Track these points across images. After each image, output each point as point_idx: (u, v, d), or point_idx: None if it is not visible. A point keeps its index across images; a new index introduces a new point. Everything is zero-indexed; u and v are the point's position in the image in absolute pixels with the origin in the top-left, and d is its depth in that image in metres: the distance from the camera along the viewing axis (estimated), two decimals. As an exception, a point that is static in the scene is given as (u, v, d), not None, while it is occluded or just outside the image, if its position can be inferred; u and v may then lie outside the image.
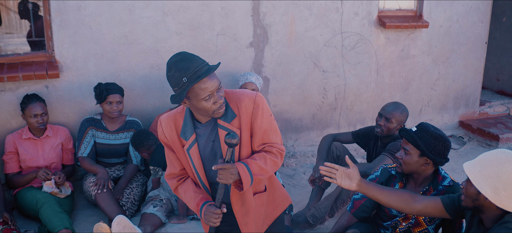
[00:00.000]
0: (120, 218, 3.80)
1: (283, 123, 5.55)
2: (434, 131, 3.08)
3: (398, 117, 3.96)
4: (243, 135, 2.67)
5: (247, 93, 2.67)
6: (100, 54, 4.72)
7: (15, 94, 4.56)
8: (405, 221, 3.26)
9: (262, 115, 2.65)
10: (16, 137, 4.46)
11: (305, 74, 5.47)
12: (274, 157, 2.72)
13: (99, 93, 4.44)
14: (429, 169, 3.15)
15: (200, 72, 2.46)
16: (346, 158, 3.08)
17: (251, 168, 2.65)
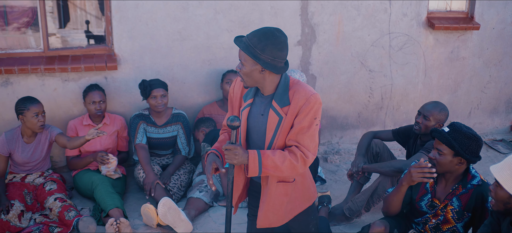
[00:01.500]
0: (165, 200, 4.08)
1: (329, 120, 5.69)
2: (466, 131, 3.16)
3: (436, 116, 4.03)
4: (285, 124, 2.83)
5: (307, 89, 2.82)
6: (155, 49, 5.03)
7: (77, 84, 4.94)
8: (435, 218, 3.35)
9: (307, 114, 2.78)
10: (76, 123, 4.84)
11: (351, 73, 5.58)
12: (295, 160, 2.80)
13: (144, 89, 4.72)
14: (462, 168, 3.23)
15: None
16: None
17: (263, 160, 2.80)
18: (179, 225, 4.11)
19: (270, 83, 2.87)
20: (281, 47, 2.75)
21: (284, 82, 2.87)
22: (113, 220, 3.93)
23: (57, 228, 4.19)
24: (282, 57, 2.78)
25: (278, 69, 2.79)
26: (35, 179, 4.60)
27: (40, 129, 4.43)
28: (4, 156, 4.45)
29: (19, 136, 4.50)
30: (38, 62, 4.82)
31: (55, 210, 4.27)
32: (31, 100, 4.39)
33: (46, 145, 4.60)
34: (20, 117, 4.39)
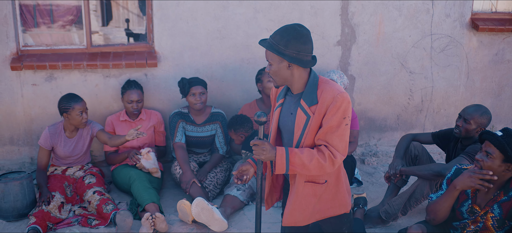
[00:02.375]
0: (198, 200, 4.11)
1: (367, 122, 5.63)
2: None
3: (477, 119, 3.93)
4: (313, 122, 2.85)
5: (334, 88, 2.82)
6: (195, 47, 5.08)
7: (118, 80, 5.04)
8: (474, 224, 3.27)
9: (335, 113, 2.78)
10: (114, 119, 4.93)
11: (391, 74, 5.50)
12: (322, 159, 2.80)
13: (183, 86, 4.75)
14: (508, 175, 3.11)
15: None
16: None
17: (291, 157, 2.81)
18: (213, 224, 4.14)
19: (298, 80, 2.89)
20: (304, 41, 2.79)
21: (312, 80, 2.88)
22: (148, 214, 3.99)
23: (95, 220, 4.29)
24: (306, 51, 2.81)
25: (305, 63, 2.82)
26: (75, 172, 4.72)
27: (84, 125, 4.54)
28: (47, 149, 4.58)
29: (61, 131, 4.62)
30: (81, 58, 4.94)
31: (93, 203, 4.37)
32: (75, 99, 4.50)
33: (87, 140, 4.71)
34: (64, 115, 4.50)
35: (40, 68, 4.85)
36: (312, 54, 2.86)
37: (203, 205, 4.08)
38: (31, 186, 4.44)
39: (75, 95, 4.56)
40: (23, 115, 5.05)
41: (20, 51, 4.94)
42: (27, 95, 4.99)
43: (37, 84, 4.96)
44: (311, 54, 2.85)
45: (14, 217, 4.34)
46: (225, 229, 4.18)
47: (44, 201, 4.28)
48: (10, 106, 5.00)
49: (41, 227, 4.04)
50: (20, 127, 5.09)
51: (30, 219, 4.12)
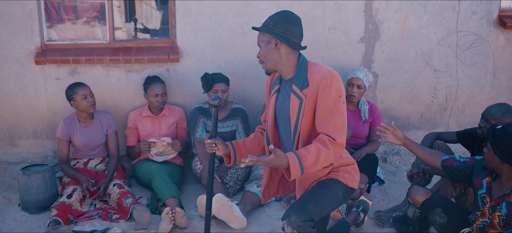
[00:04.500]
0: (218, 196, 4.09)
1: (390, 120, 5.55)
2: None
3: (499, 120, 3.83)
4: (307, 105, 2.92)
5: (322, 68, 2.91)
6: (217, 43, 5.06)
7: (140, 76, 5.05)
8: (482, 218, 3.25)
9: (328, 92, 2.84)
10: (136, 114, 4.95)
11: (415, 72, 5.42)
12: (326, 148, 2.86)
13: (206, 82, 4.74)
14: (506, 169, 3.10)
15: None
16: (392, 123, 3.63)
17: (303, 162, 2.86)
18: (232, 221, 4.12)
19: (287, 62, 2.99)
20: (292, 22, 2.93)
21: (301, 64, 2.98)
22: (169, 209, 3.99)
23: (116, 214, 4.31)
24: (294, 32, 2.94)
25: (292, 43, 2.94)
26: (96, 165, 4.75)
27: (92, 109, 4.59)
28: (65, 140, 4.63)
29: (75, 120, 4.67)
30: (103, 53, 4.97)
31: (114, 196, 4.39)
32: (77, 84, 4.58)
33: (105, 131, 4.74)
34: (71, 103, 4.59)
35: (63, 63, 4.90)
36: (301, 39, 2.98)
37: (223, 201, 4.06)
38: (53, 179, 4.48)
39: (78, 82, 4.65)
40: (46, 109, 5.10)
41: (44, 45, 4.99)
42: (50, 89, 5.04)
43: (60, 78, 5.00)
44: (300, 38, 2.97)
45: (36, 209, 4.38)
46: (244, 227, 4.16)
47: (87, 186, 4.39)
48: (34, 100, 5.06)
49: (62, 220, 4.06)
50: (44, 121, 5.15)
51: (52, 211, 4.15)
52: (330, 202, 3.08)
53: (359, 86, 4.72)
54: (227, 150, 3.27)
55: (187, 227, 4.14)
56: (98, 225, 4.12)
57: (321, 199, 3.04)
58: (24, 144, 5.21)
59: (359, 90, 4.74)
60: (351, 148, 4.77)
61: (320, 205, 3.04)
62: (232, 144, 3.29)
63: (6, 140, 5.18)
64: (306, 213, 2.98)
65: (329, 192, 3.07)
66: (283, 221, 3.06)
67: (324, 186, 3.08)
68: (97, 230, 4.00)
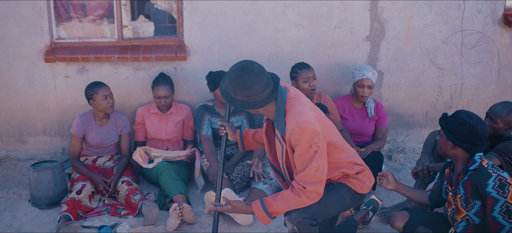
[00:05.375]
0: (226, 191, 4.15)
1: (395, 118, 5.59)
2: (463, 117, 3.17)
3: (504, 118, 3.86)
4: (289, 151, 2.99)
5: (294, 119, 2.89)
6: (224, 41, 5.12)
7: (148, 73, 5.11)
8: (450, 207, 3.41)
9: (297, 145, 2.89)
10: (144, 110, 5.01)
11: (420, 70, 5.46)
12: (297, 195, 2.95)
13: (213, 80, 4.77)
14: (459, 154, 3.24)
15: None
16: (383, 170, 3.67)
17: (269, 208, 3.02)
18: (239, 216, 4.17)
19: (266, 112, 3.06)
20: (248, 86, 2.87)
21: (278, 109, 2.98)
22: (176, 205, 4.04)
23: (124, 210, 4.37)
24: (255, 93, 2.88)
25: (258, 104, 2.92)
26: (105, 162, 4.82)
27: (111, 109, 4.64)
28: (79, 137, 4.69)
29: (92, 119, 4.73)
30: (112, 51, 5.03)
31: (122, 193, 4.46)
32: (98, 84, 4.63)
33: (119, 132, 4.81)
34: (90, 102, 4.63)
35: (72, 61, 4.96)
36: (267, 89, 2.90)
37: (230, 196, 4.12)
38: (62, 175, 4.55)
39: (98, 82, 4.70)
40: (55, 107, 5.17)
41: (53, 43, 5.06)
42: (59, 87, 5.10)
43: (69, 76, 5.07)
44: (265, 91, 2.90)
45: (46, 205, 4.45)
46: (250, 223, 4.21)
47: (104, 187, 4.49)
48: (43, 98, 5.13)
49: (72, 215, 4.13)
50: (53, 118, 5.22)
51: (62, 207, 4.22)
52: (335, 204, 3.14)
53: (369, 87, 4.77)
54: (234, 136, 3.37)
55: (195, 223, 4.20)
56: (107, 221, 4.18)
57: (326, 200, 3.09)
58: (33, 140, 5.28)
59: (369, 90, 4.79)
60: (357, 146, 4.81)
61: (324, 205, 3.09)
62: (241, 133, 3.42)
63: (16, 137, 5.26)
64: (308, 210, 3.04)
65: (335, 194, 3.14)
66: (285, 217, 3.13)
67: (331, 188, 3.15)
68: (106, 225, 4.06)
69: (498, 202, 3.12)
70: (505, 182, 3.12)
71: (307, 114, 2.90)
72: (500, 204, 3.12)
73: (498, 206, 3.13)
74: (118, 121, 4.82)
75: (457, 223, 3.37)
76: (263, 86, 2.90)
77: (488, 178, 3.12)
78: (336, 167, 3.12)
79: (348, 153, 3.16)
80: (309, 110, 2.95)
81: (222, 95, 3.04)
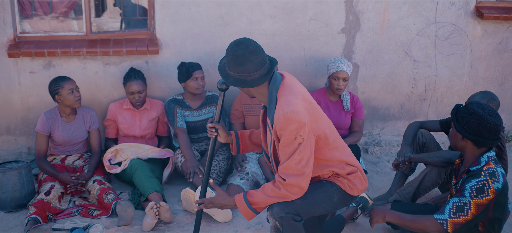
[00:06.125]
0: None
1: (370, 111, 5.56)
2: (473, 108, 3.07)
3: None
4: (275, 140, 2.89)
5: (280, 111, 2.79)
6: (197, 34, 4.97)
7: (118, 68, 4.92)
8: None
9: (282, 135, 2.80)
10: (117, 107, 4.82)
11: (395, 63, 5.43)
12: (277, 188, 2.86)
13: (186, 70, 4.64)
14: (468, 147, 3.15)
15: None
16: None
17: (250, 199, 2.92)
18: (218, 214, 4.05)
19: (258, 95, 2.96)
20: (241, 62, 2.79)
21: (270, 95, 2.88)
22: (153, 203, 3.88)
23: (97, 210, 4.19)
24: (247, 71, 2.80)
25: (249, 83, 2.84)
26: (74, 161, 4.61)
27: (78, 104, 4.45)
28: (45, 135, 4.47)
29: (57, 115, 4.52)
30: (80, 45, 4.82)
31: (94, 193, 4.27)
32: (63, 78, 4.44)
33: (87, 128, 4.61)
34: (56, 97, 4.43)
35: (38, 55, 4.73)
36: (261, 68, 2.81)
37: (208, 193, 3.98)
38: (29, 176, 4.32)
39: (63, 76, 4.50)
40: (20, 104, 4.92)
41: (17, 37, 4.81)
42: (24, 83, 4.86)
43: (35, 72, 4.83)
44: (257, 71, 2.81)
45: (12, 207, 4.22)
46: (230, 220, 4.09)
47: (74, 184, 4.30)
48: (7, 95, 4.87)
49: (41, 218, 3.92)
50: (17, 116, 4.96)
51: (30, 209, 4.00)
52: (321, 202, 3.02)
53: (344, 79, 4.71)
54: (229, 137, 3.24)
55: (172, 222, 4.05)
56: (79, 222, 4.00)
57: (311, 197, 2.99)
58: (-4, 140, 5.03)
59: (344, 82, 4.72)
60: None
61: (309, 202, 2.98)
62: (237, 134, 3.25)
63: (-23, 137, 4.99)
64: (291, 206, 2.92)
65: (322, 192, 3.03)
66: (267, 212, 3.02)
67: (319, 185, 3.05)
68: (78, 227, 3.87)
69: (461, 197, 3.05)
70: (486, 190, 3.02)
71: (295, 104, 2.79)
72: (460, 199, 3.05)
73: (458, 199, 3.07)
74: (86, 117, 4.62)
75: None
76: (256, 65, 2.80)
77: (476, 177, 3.04)
78: (325, 164, 3.00)
79: (342, 151, 3.04)
80: (300, 101, 2.84)
81: (219, 71, 2.96)
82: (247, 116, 4.78)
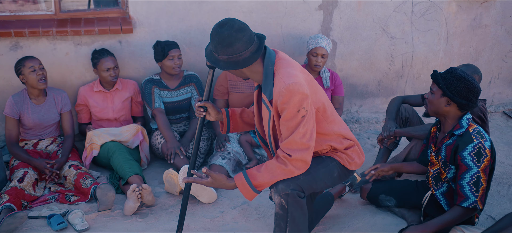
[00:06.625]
0: (186, 168, 3.88)
1: (349, 88, 5.51)
2: (459, 73, 3.12)
3: None
4: (275, 117, 2.78)
5: (281, 83, 2.68)
6: (172, 12, 4.80)
7: (90, 48, 4.71)
8: (433, 167, 3.43)
9: (285, 109, 2.68)
10: (86, 90, 4.62)
11: (372, 39, 5.39)
12: (283, 164, 2.74)
13: (161, 49, 4.50)
14: (452, 111, 3.20)
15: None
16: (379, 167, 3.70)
17: (253, 181, 2.80)
18: (202, 194, 3.93)
19: (252, 74, 2.83)
20: (229, 43, 2.66)
21: (266, 71, 2.76)
22: (135, 186, 3.72)
23: (74, 196, 4.01)
24: (237, 51, 2.67)
25: (241, 63, 2.71)
26: (47, 145, 4.41)
27: (42, 84, 4.23)
28: (14, 118, 4.26)
29: (26, 97, 4.31)
30: (49, 24, 4.59)
31: (70, 178, 4.08)
32: (26, 57, 4.24)
33: (58, 110, 4.40)
34: (20, 78, 4.23)
35: (4, 36, 4.48)
36: (250, 46, 2.69)
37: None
38: (0, 163, 4.10)
39: (28, 55, 4.29)
40: (-14, 88, 4.67)
41: (-19, 17, 4.55)
42: (-10, 66, 4.60)
43: (1, 53, 4.58)
44: (247, 49, 2.69)
45: (-17, 196, 3.99)
46: (214, 201, 3.98)
47: (51, 174, 4.08)
48: (-29, 78, 4.61)
49: (15, 205, 3.72)
50: (-17, 101, 4.71)
51: (3, 197, 3.78)
52: (323, 177, 2.96)
53: (323, 56, 4.64)
54: (220, 115, 3.12)
55: (154, 204, 3.91)
56: (57, 209, 3.81)
57: (314, 172, 2.91)
58: (-39, 127, 4.76)
59: (323, 59, 4.65)
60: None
61: (312, 177, 2.90)
62: (227, 112, 3.13)
63: None
64: (295, 182, 2.84)
65: (323, 167, 2.96)
66: (271, 190, 2.92)
67: (320, 161, 2.97)
68: (56, 214, 3.69)
69: (470, 171, 3.09)
70: (483, 151, 3.09)
71: (296, 76, 2.70)
72: (471, 174, 3.09)
73: (469, 175, 3.10)
74: (57, 98, 4.41)
75: (441, 182, 3.36)
76: (245, 43, 2.68)
77: (469, 143, 3.09)
78: (324, 139, 2.93)
79: (339, 125, 2.98)
80: (299, 72, 2.76)
81: (207, 57, 2.81)
82: (231, 93, 4.65)
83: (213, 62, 2.77)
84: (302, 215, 2.90)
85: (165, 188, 4.06)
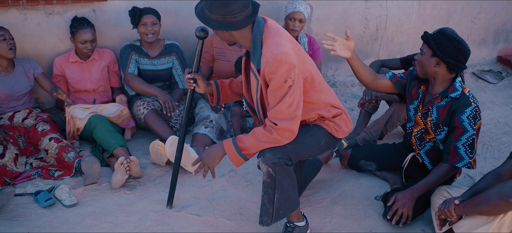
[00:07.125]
0: (173, 138, 3.85)
1: (324, 52, 5.52)
2: (449, 34, 3.15)
3: None
4: (263, 86, 2.78)
5: (268, 53, 2.67)
6: (147, -22, 4.68)
7: (63, 18, 4.56)
8: (417, 127, 3.45)
9: (272, 78, 2.68)
10: (62, 60, 4.49)
11: (348, 3, 5.41)
12: (269, 132, 2.77)
13: (133, 15, 4.39)
14: (441, 72, 3.22)
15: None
16: (346, 32, 3.28)
17: (240, 144, 2.83)
18: (189, 163, 3.90)
19: (241, 39, 2.80)
20: (225, 2, 2.63)
21: (255, 39, 2.75)
22: (123, 158, 3.65)
23: (58, 171, 3.92)
24: (232, 12, 2.65)
25: (234, 25, 2.69)
26: (24, 118, 4.27)
27: (12, 53, 4.09)
28: None
29: None
30: (19, -6, 4.40)
31: (51, 152, 3.98)
32: None
33: (30, 78, 4.27)
34: None
35: (-29, 7, 4.28)
36: (244, 13, 2.68)
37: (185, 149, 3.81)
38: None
39: None
40: (-47, 62, 4.46)
41: None
42: (-43, 38, 4.39)
43: (-31, 25, 4.38)
44: (242, 13, 2.67)
45: (-39, 174, 3.87)
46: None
47: (5, 138, 3.94)
48: None
49: (-2, 183, 3.62)
50: (-49, 75, 4.51)
51: (-16, 175, 3.68)
52: (311, 146, 2.97)
53: (300, 20, 4.62)
54: (209, 87, 3.10)
55: (142, 176, 3.88)
56: (42, 185, 3.72)
57: (301, 140, 2.93)
58: None
59: (300, 24, 4.64)
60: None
61: (300, 146, 2.92)
62: (216, 83, 3.10)
63: None
64: (282, 150, 2.85)
65: (311, 136, 2.97)
66: (259, 159, 2.94)
67: (307, 129, 2.98)
68: (42, 190, 3.61)
69: (466, 133, 3.16)
70: (478, 114, 3.17)
71: (284, 45, 2.67)
72: (467, 136, 3.16)
73: (465, 137, 3.17)
74: (26, 66, 4.27)
75: (425, 142, 3.42)
76: (241, 6, 2.66)
77: (468, 106, 3.15)
78: (312, 108, 2.94)
79: (327, 94, 2.98)
80: (287, 42, 2.73)
81: (197, 16, 2.73)
82: (217, 60, 4.59)
83: (204, 20, 2.71)
84: (290, 182, 2.94)
85: (151, 159, 4.02)
